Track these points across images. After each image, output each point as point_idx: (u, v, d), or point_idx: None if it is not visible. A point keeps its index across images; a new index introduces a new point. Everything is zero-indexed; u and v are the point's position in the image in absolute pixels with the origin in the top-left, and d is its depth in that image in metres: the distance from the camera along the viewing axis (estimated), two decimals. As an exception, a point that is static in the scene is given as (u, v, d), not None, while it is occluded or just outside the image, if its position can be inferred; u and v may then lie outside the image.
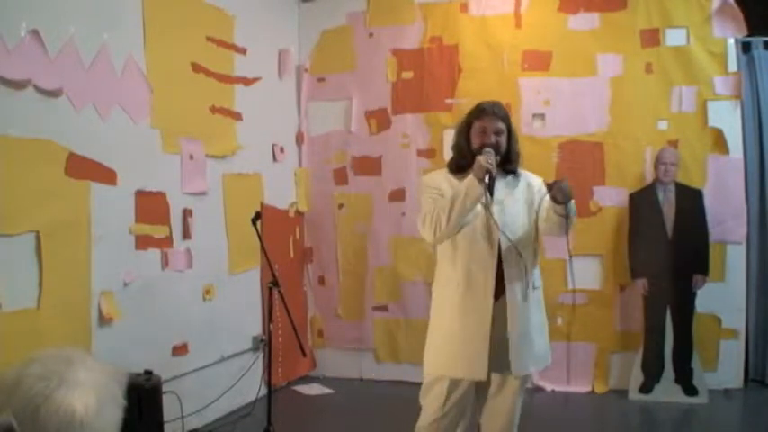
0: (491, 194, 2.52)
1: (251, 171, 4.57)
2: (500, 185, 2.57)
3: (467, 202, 2.42)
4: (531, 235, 2.61)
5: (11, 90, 2.78)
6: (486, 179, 2.39)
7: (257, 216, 3.53)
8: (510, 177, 2.64)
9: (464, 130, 2.64)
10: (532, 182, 2.66)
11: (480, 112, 2.61)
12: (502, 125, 2.59)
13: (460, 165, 2.61)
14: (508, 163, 2.61)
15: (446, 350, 2.59)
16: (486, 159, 2.42)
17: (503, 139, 2.58)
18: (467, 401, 2.65)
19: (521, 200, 2.61)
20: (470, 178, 2.43)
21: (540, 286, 2.67)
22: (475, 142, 2.58)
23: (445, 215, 2.46)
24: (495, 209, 2.54)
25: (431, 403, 2.64)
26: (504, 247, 2.53)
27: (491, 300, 2.52)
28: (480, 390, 2.68)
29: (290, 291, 4.50)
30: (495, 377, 2.64)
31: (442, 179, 2.64)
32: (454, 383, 2.59)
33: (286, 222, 5.04)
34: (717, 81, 4.56)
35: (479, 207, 2.51)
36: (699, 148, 4.59)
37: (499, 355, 2.53)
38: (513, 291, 2.53)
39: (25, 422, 2.21)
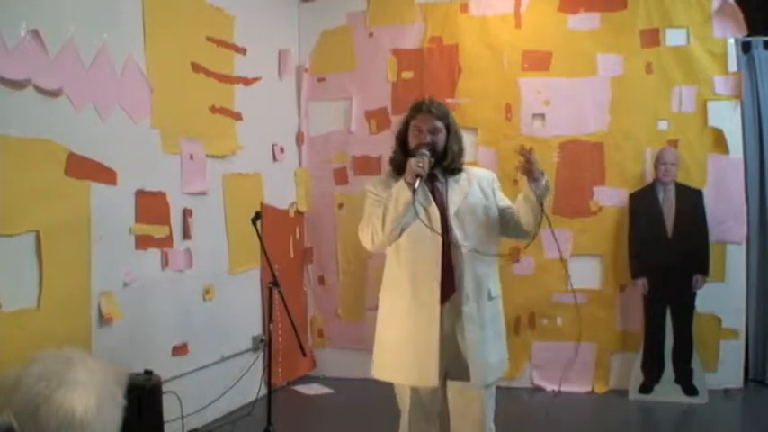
0: (433, 197, 2.48)
1: (251, 171, 4.57)
2: (453, 194, 2.50)
3: (399, 207, 2.36)
4: (490, 242, 2.53)
5: (11, 90, 2.78)
6: (416, 184, 2.32)
7: (257, 216, 3.53)
8: (461, 179, 2.55)
9: (402, 130, 2.58)
10: (483, 182, 2.57)
11: (416, 110, 2.53)
12: (438, 123, 2.49)
13: (398, 167, 2.50)
14: (445, 161, 2.51)
15: (396, 356, 2.52)
16: (417, 163, 2.34)
17: (440, 138, 2.49)
18: (431, 408, 2.60)
19: (477, 209, 2.52)
20: (401, 182, 2.37)
21: (497, 296, 2.58)
22: (412, 142, 2.50)
23: (380, 222, 2.40)
24: (452, 220, 2.46)
25: (402, 409, 2.63)
26: (452, 249, 2.45)
27: (437, 304, 2.43)
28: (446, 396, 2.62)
29: (290, 291, 4.50)
30: (454, 384, 2.53)
31: (381, 183, 2.55)
32: (414, 390, 2.55)
33: (286, 222, 5.04)
34: (717, 81, 4.56)
35: (423, 212, 2.44)
36: (699, 148, 4.59)
37: (452, 362, 2.47)
38: (463, 295, 2.45)
39: (25, 422, 2.21)
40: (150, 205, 3.60)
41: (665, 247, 4.35)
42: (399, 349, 2.51)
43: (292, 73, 5.15)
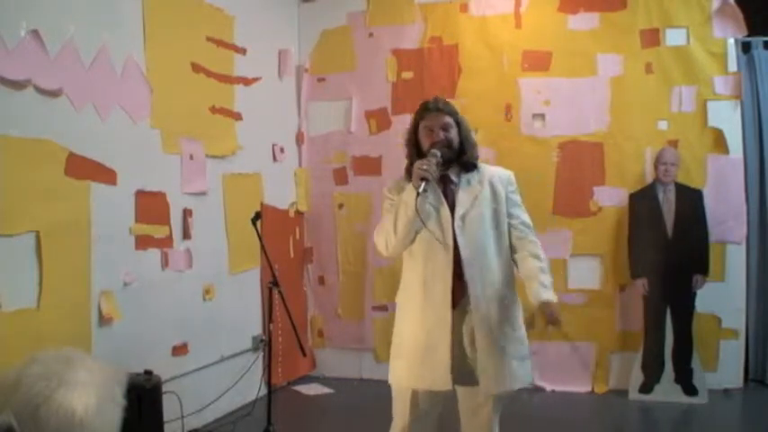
0: (446, 198, 2.44)
1: (251, 171, 4.57)
2: (462, 197, 2.44)
3: (408, 213, 2.33)
4: (500, 248, 2.46)
5: (11, 90, 2.79)
6: (421, 188, 2.27)
7: (257, 216, 3.53)
8: (473, 179, 2.48)
9: (412, 134, 2.54)
10: (496, 183, 2.49)
11: (423, 111, 2.50)
12: (449, 119, 2.46)
13: (410, 170, 2.44)
14: (463, 155, 2.48)
15: (408, 360, 2.47)
16: (421, 165, 2.29)
17: (452, 133, 2.45)
18: (432, 413, 2.54)
19: (486, 212, 2.45)
20: (410, 187, 2.34)
21: (514, 302, 2.52)
22: (424, 144, 2.46)
23: (392, 227, 2.39)
24: (456, 224, 2.41)
25: (399, 415, 2.56)
26: (464, 254, 2.39)
27: (449, 308, 2.39)
28: (456, 403, 2.57)
29: (290, 291, 4.49)
30: (464, 390, 2.48)
31: (396, 188, 2.51)
32: (416, 395, 2.48)
33: (286, 222, 5.04)
34: (717, 81, 4.56)
35: (435, 214, 2.41)
36: (699, 148, 4.59)
37: (464, 368, 2.41)
38: (475, 301, 2.39)
39: (25, 422, 2.21)
40: (150, 205, 3.60)
41: (665, 247, 4.35)
42: (412, 353, 2.46)
43: (292, 73, 5.16)
